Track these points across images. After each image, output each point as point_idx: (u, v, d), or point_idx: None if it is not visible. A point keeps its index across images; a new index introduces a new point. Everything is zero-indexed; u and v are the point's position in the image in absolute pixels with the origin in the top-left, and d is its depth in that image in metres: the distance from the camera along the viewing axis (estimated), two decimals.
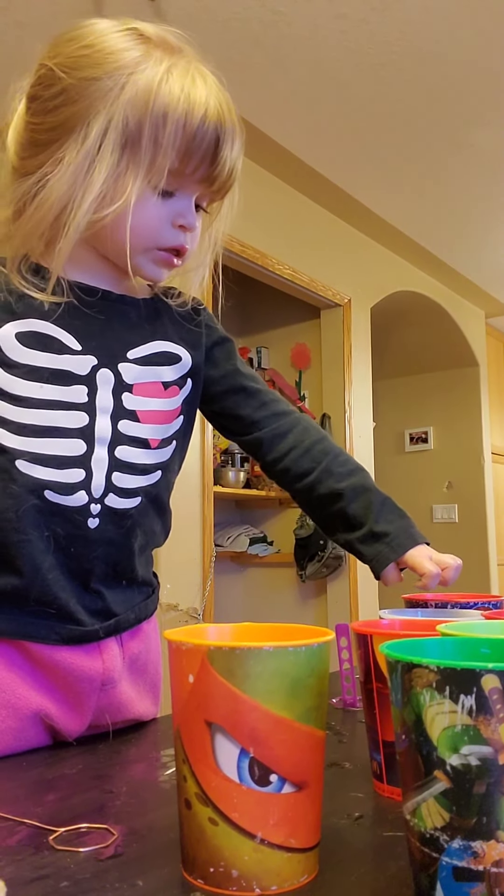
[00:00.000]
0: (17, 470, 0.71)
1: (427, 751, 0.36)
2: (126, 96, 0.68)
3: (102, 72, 0.69)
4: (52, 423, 0.72)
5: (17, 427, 0.71)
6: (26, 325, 0.73)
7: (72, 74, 0.69)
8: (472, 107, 2.70)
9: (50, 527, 0.73)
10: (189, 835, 0.44)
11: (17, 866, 0.46)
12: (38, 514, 0.72)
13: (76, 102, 0.69)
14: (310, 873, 0.44)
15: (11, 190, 0.73)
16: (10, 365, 0.71)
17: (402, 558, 0.83)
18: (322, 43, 2.36)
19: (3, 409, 0.71)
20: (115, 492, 0.75)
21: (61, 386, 0.73)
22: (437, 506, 4.68)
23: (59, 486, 0.72)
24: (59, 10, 2.17)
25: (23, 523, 0.71)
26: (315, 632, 0.50)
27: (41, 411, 0.72)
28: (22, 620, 0.73)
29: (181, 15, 2.22)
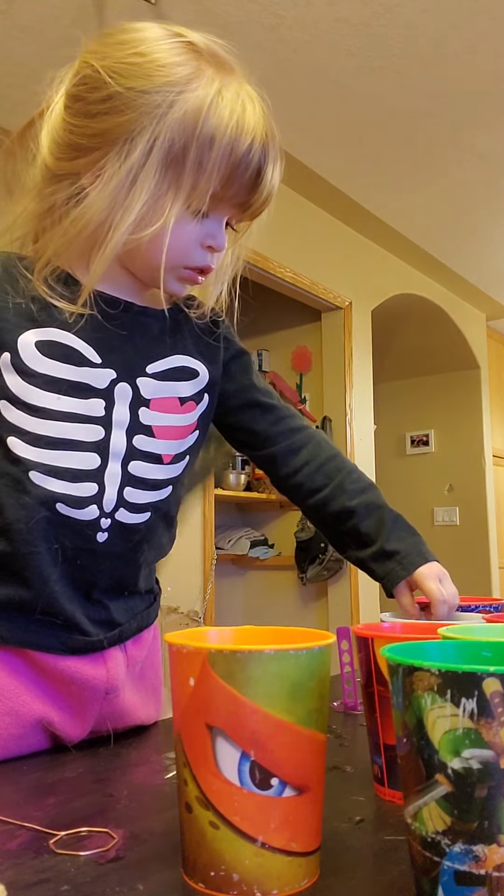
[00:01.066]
0: (31, 481, 0.70)
1: (428, 754, 0.36)
2: (174, 115, 0.66)
3: (152, 85, 0.67)
4: (68, 436, 0.71)
5: (33, 438, 0.70)
6: (47, 334, 0.71)
7: (120, 82, 0.67)
8: (472, 110, 2.71)
9: (59, 539, 0.72)
10: (190, 838, 0.43)
11: (18, 870, 0.46)
12: (49, 527, 0.71)
13: (122, 113, 0.67)
14: (311, 877, 0.44)
15: (42, 187, 0.72)
16: (29, 374, 0.70)
17: (412, 577, 0.82)
18: (322, 46, 2.37)
19: (20, 419, 0.70)
20: (126, 507, 0.75)
21: (79, 398, 0.72)
22: (438, 508, 4.68)
23: (71, 500, 0.71)
24: (61, 15, 2.17)
25: (33, 535, 0.70)
26: (316, 635, 0.50)
27: (58, 423, 0.71)
28: (29, 629, 0.72)
29: (181, 18, 2.22)
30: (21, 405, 0.70)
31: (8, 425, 0.70)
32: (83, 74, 0.69)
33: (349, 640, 0.89)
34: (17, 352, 0.70)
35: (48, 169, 0.71)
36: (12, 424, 0.70)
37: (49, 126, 0.71)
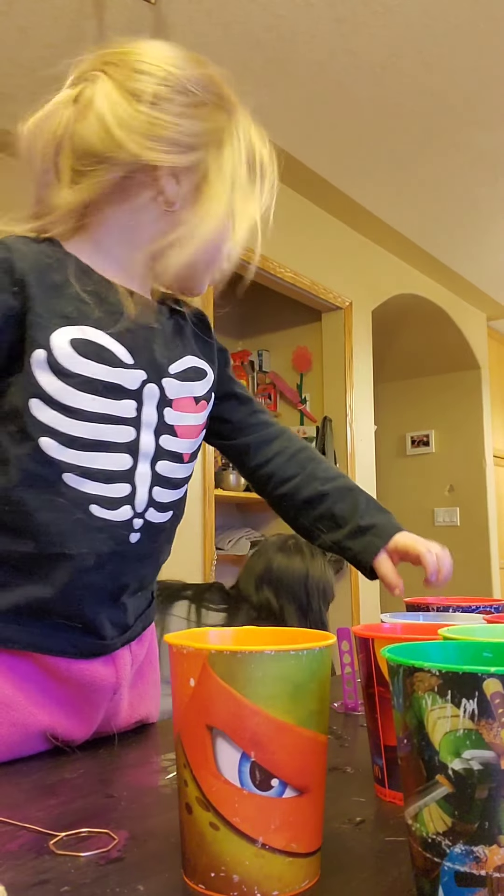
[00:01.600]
0: (64, 483, 0.69)
1: (429, 755, 0.36)
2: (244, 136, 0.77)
3: (222, 103, 0.77)
4: (102, 437, 0.71)
5: (67, 439, 0.69)
6: (82, 332, 0.70)
7: (202, 95, 0.74)
8: (472, 110, 2.71)
9: (93, 544, 0.71)
10: (190, 839, 0.43)
11: (18, 871, 0.46)
12: (83, 530, 0.70)
13: (208, 121, 0.75)
14: (311, 878, 0.44)
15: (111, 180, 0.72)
16: (65, 374, 0.69)
17: (392, 545, 0.84)
18: (322, 46, 2.37)
19: (54, 420, 0.69)
20: (155, 506, 0.76)
21: (112, 399, 0.71)
22: (438, 509, 4.67)
23: (105, 501, 0.71)
24: (61, 15, 2.17)
25: (65, 538, 0.70)
26: (316, 636, 0.50)
27: (92, 424, 0.70)
28: (40, 633, 0.71)
29: (182, 18, 2.22)
30: (56, 405, 0.69)
31: (40, 426, 0.68)
32: (163, 77, 0.73)
33: (350, 640, 0.89)
34: (51, 350, 0.68)
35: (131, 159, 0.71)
36: (45, 425, 0.68)
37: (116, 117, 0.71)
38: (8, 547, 0.70)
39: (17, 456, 0.69)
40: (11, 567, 0.71)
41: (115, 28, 2.24)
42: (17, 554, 0.70)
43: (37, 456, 0.69)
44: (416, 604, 0.94)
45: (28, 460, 0.69)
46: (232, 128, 0.76)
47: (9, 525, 0.69)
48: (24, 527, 0.69)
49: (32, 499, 0.69)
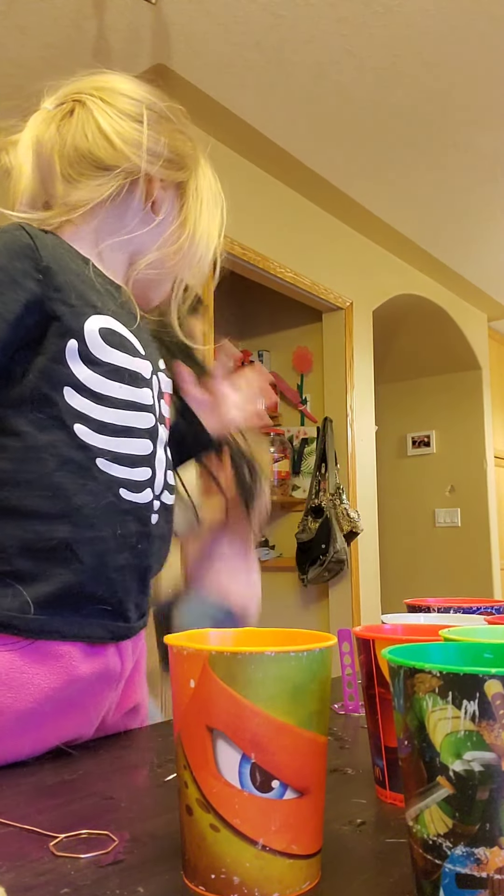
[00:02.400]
0: (97, 468, 0.73)
1: (430, 757, 0.36)
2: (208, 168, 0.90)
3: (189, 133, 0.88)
4: (129, 423, 0.75)
5: (98, 425, 0.73)
6: (106, 321, 0.75)
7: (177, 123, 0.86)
8: (473, 110, 2.71)
9: (123, 525, 0.75)
10: (190, 841, 0.43)
11: (18, 872, 0.46)
12: (113, 512, 0.74)
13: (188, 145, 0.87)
14: (312, 880, 0.43)
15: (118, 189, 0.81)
16: (95, 363, 0.73)
17: None
18: (323, 46, 2.37)
19: (86, 406, 0.72)
20: (167, 489, 0.82)
21: (135, 387, 0.76)
22: (439, 510, 4.67)
23: (132, 484, 0.75)
24: (60, 15, 2.17)
25: (100, 520, 0.73)
26: (317, 637, 0.50)
27: (120, 411, 0.74)
28: (80, 621, 0.73)
29: (182, 18, 2.23)
30: (87, 393, 0.72)
31: (73, 412, 0.71)
32: (147, 103, 0.82)
33: (350, 641, 0.89)
34: (84, 340, 0.72)
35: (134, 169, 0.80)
36: (78, 412, 0.72)
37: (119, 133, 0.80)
38: (45, 534, 0.71)
39: (50, 442, 0.71)
40: (46, 556, 0.71)
41: (115, 28, 2.25)
42: (53, 540, 0.71)
43: (72, 441, 0.71)
44: (417, 605, 0.94)
45: (63, 446, 0.71)
46: (199, 155, 0.87)
47: (46, 511, 0.71)
48: (61, 511, 0.71)
49: (70, 483, 0.71)
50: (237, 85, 2.55)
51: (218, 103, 2.64)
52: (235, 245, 2.85)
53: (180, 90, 2.55)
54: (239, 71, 2.48)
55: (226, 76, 2.51)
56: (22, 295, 0.69)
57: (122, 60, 2.39)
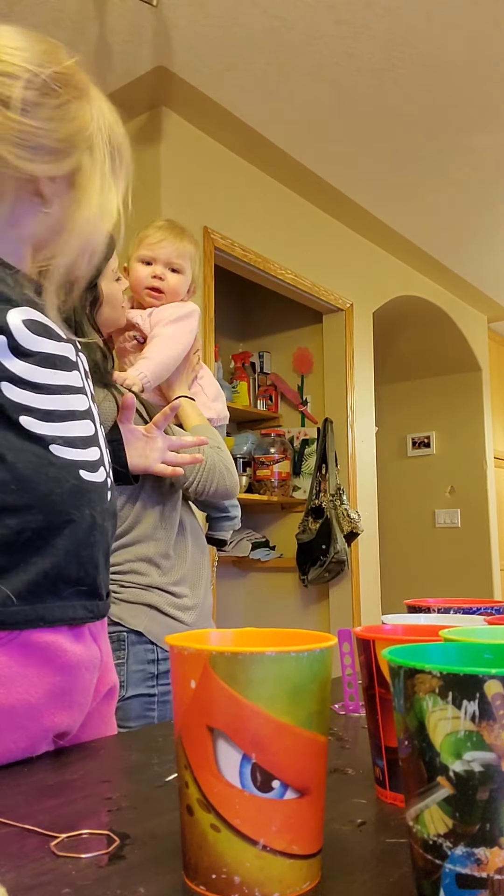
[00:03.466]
0: (53, 454, 0.74)
1: (430, 757, 0.36)
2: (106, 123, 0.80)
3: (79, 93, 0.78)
4: (70, 407, 0.76)
5: (43, 414, 0.73)
6: (26, 313, 0.74)
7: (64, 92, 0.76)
8: (473, 112, 2.71)
9: (90, 505, 0.76)
10: (191, 841, 0.43)
11: (19, 873, 0.46)
12: (78, 494, 0.75)
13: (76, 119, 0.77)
14: (312, 880, 0.44)
15: None
16: (26, 354, 0.73)
17: None
18: (323, 48, 2.37)
19: (27, 398, 0.72)
20: (111, 468, 0.84)
21: (67, 371, 0.77)
22: (439, 510, 4.67)
23: (88, 465, 0.77)
24: (61, 18, 2.18)
25: (66, 504, 0.74)
26: (317, 637, 0.50)
27: (58, 396, 0.75)
28: (61, 605, 0.74)
29: (183, 21, 2.23)
30: (25, 384, 0.72)
31: (15, 405, 0.71)
32: (26, 78, 0.71)
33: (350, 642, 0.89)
34: (11, 334, 0.72)
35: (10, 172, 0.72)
36: (19, 404, 0.72)
37: None
38: (21, 526, 0.71)
39: (3, 438, 0.71)
40: (21, 548, 0.72)
41: (116, 30, 2.25)
42: (27, 532, 0.72)
43: (22, 433, 0.72)
44: (417, 605, 0.94)
45: (15, 439, 0.72)
46: (95, 121, 0.77)
47: (18, 504, 0.71)
48: (31, 502, 0.72)
49: (32, 473, 0.72)
50: (238, 87, 2.55)
51: (218, 105, 2.64)
52: (236, 246, 2.85)
53: (181, 92, 2.56)
54: (239, 73, 2.48)
55: (226, 78, 2.51)
56: None
57: (124, 62, 2.39)
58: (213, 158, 2.84)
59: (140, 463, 1.06)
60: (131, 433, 1.05)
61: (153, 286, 1.45)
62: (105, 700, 0.86)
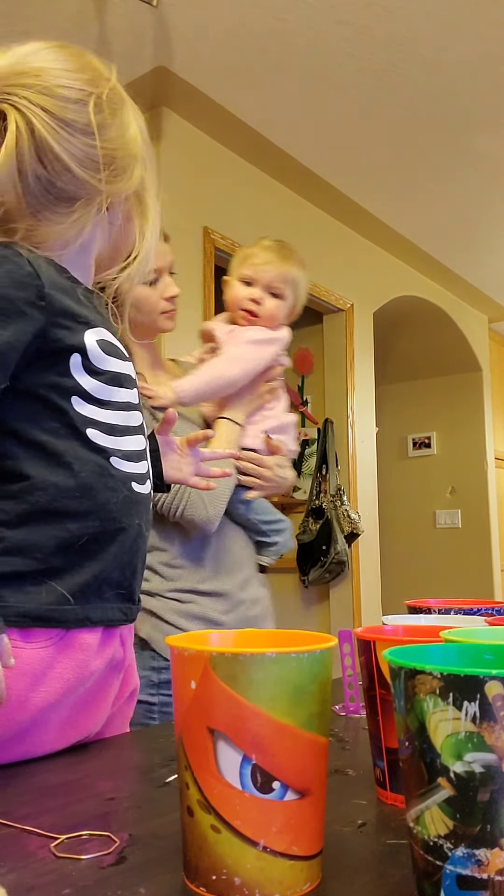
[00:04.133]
0: (112, 466, 0.78)
1: (430, 758, 0.36)
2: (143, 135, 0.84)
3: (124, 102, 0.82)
4: (129, 423, 0.81)
5: (107, 428, 0.78)
6: (100, 334, 0.78)
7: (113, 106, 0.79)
8: (475, 112, 2.71)
9: (138, 515, 0.81)
10: (191, 842, 0.43)
11: (19, 873, 0.46)
12: (131, 505, 0.79)
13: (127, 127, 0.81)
14: (313, 881, 0.44)
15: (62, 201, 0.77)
16: (98, 373, 0.77)
17: None
18: (325, 49, 2.37)
19: (93, 412, 0.77)
20: (152, 481, 0.88)
21: (129, 389, 0.82)
22: (440, 511, 4.67)
23: (139, 478, 0.82)
24: (62, 18, 2.18)
25: (121, 513, 0.78)
26: (318, 638, 0.50)
27: (121, 412, 0.80)
28: (103, 607, 0.77)
29: (183, 21, 2.23)
30: (93, 400, 0.77)
31: (83, 419, 0.76)
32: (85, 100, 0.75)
33: (351, 643, 0.89)
34: (86, 353, 0.76)
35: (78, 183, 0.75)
36: (87, 417, 0.76)
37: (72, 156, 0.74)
38: (77, 532, 0.75)
39: (70, 448, 0.75)
40: (78, 551, 0.75)
41: (116, 31, 2.25)
42: (85, 536, 0.76)
43: (87, 445, 0.76)
44: (418, 606, 0.94)
45: (81, 450, 0.76)
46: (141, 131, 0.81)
47: (79, 510, 0.75)
48: (91, 509, 0.76)
49: (94, 482, 0.76)
50: (238, 87, 2.55)
51: (219, 105, 2.64)
52: (236, 247, 2.85)
53: (181, 92, 2.56)
54: (240, 73, 2.48)
55: (227, 79, 2.51)
56: (30, 324, 0.71)
57: (124, 63, 2.39)
58: (213, 158, 2.84)
59: (175, 475, 1.06)
60: (168, 445, 1.07)
61: (248, 309, 1.38)
62: (127, 702, 0.89)
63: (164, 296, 1.30)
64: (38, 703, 0.72)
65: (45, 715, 0.73)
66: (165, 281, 1.31)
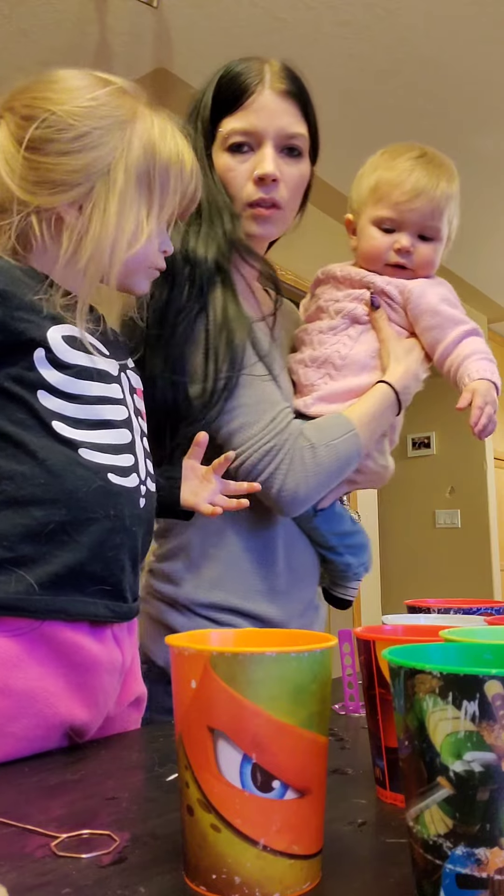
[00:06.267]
0: (81, 457, 0.78)
1: (430, 757, 0.36)
2: (136, 148, 0.81)
3: (109, 124, 0.81)
4: (103, 417, 0.80)
5: (74, 422, 0.78)
6: (68, 329, 0.79)
7: (86, 123, 0.80)
8: (474, 114, 2.71)
9: (116, 507, 0.79)
10: (191, 841, 0.43)
11: (19, 873, 0.46)
12: (104, 495, 0.78)
13: (95, 149, 0.80)
14: (312, 880, 0.44)
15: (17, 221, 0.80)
16: (63, 366, 0.78)
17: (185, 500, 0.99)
18: (324, 49, 2.37)
19: (60, 406, 0.77)
20: (149, 476, 0.87)
21: (105, 383, 0.82)
22: (439, 511, 4.67)
23: (119, 469, 0.81)
24: (63, 19, 2.18)
25: (91, 502, 0.77)
26: (318, 637, 0.50)
27: (93, 406, 0.80)
28: (83, 601, 0.77)
29: (184, 22, 2.23)
30: (59, 394, 0.77)
31: (49, 411, 0.77)
32: (46, 119, 0.79)
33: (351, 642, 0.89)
34: (49, 348, 0.77)
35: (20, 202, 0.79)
36: (52, 411, 0.77)
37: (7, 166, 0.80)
38: (46, 518, 0.75)
39: (35, 438, 0.76)
40: (46, 539, 0.75)
41: (117, 32, 2.25)
42: (51, 524, 0.75)
43: (54, 437, 0.77)
44: (417, 606, 0.94)
45: (48, 442, 0.76)
46: (122, 147, 0.81)
47: (41, 497, 0.75)
48: (57, 496, 0.76)
49: (61, 470, 0.76)
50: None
51: None
52: None
53: (182, 93, 2.56)
54: None
55: None
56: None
57: (124, 64, 2.39)
58: None
59: (190, 500, 1.00)
60: (191, 469, 1.01)
61: (397, 263, 1.10)
62: (131, 709, 0.88)
63: (255, 174, 1.01)
64: (19, 687, 0.72)
65: (30, 702, 0.73)
66: (262, 153, 1.01)
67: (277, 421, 0.99)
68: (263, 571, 1.05)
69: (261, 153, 1.01)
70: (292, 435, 0.99)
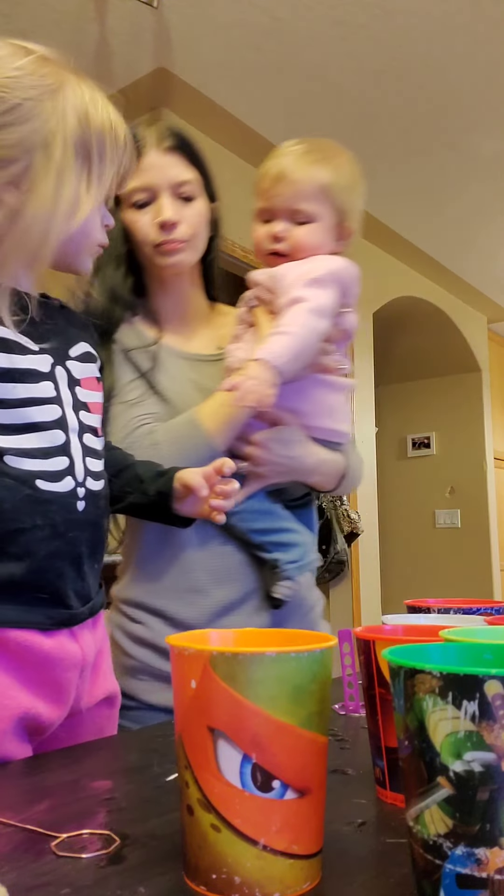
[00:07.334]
0: (6, 465, 0.75)
1: (430, 757, 0.36)
2: (70, 118, 0.76)
3: (39, 94, 0.75)
4: (30, 419, 0.77)
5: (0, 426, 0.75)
6: None
7: (15, 94, 0.74)
8: (473, 113, 2.71)
9: (46, 515, 0.76)
10: (191, 841, 0.43)
11: (19, 873, 0.46)
12: (33, 504, 0.75)
13: (30, 121, 0.75)
14: (312, 880, 0.44)
15: None
16: None
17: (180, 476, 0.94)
18: (322, 49, 2.37)
19: None
20: (91, 475, 0.82)
21: (31, 383, 0.77)
22: (439, 511, 4.67)
23: (48, 475, 0.77)
24: (62, 18, 2.18)
25: (18, 512, 0.75)
26: (317, 637, 0.50)
27: (18, 410, 0.76)
28: (19, 609, 0.75)
29: (182, 21, 2.23)
30: None
31: None
32: None
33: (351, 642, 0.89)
34: None
35: None
36: None
37: None
38: None
39: None
40: None
41: (116, 32, 2.25)
42: None
43: None
44: (417, 606, 0.94)
45: None
46: (55, 118, 0.75)
47: None
48: None
49: None
50: (237, 87, 2.56)
51: (218, 106, 2.64)
52: (237, 248, 2.85)
53: (181, 93, 2.56)
54: (239, 74, 2.48)
55: (226, 79, 2.51)
56: None
57: (124, 64, 2.39)
58: (213, 159, 2.83)
59: (188, 510, 0.96)
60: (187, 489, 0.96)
61: (272, 250, 1.07)
62: (101, 707, 0.86)
63: (155, 220, 1.07)
64: None
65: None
66: (160, 204, 1.08)
67: None
68: (174, 570, 1.06)
69: (158, 203, 1.09)
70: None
